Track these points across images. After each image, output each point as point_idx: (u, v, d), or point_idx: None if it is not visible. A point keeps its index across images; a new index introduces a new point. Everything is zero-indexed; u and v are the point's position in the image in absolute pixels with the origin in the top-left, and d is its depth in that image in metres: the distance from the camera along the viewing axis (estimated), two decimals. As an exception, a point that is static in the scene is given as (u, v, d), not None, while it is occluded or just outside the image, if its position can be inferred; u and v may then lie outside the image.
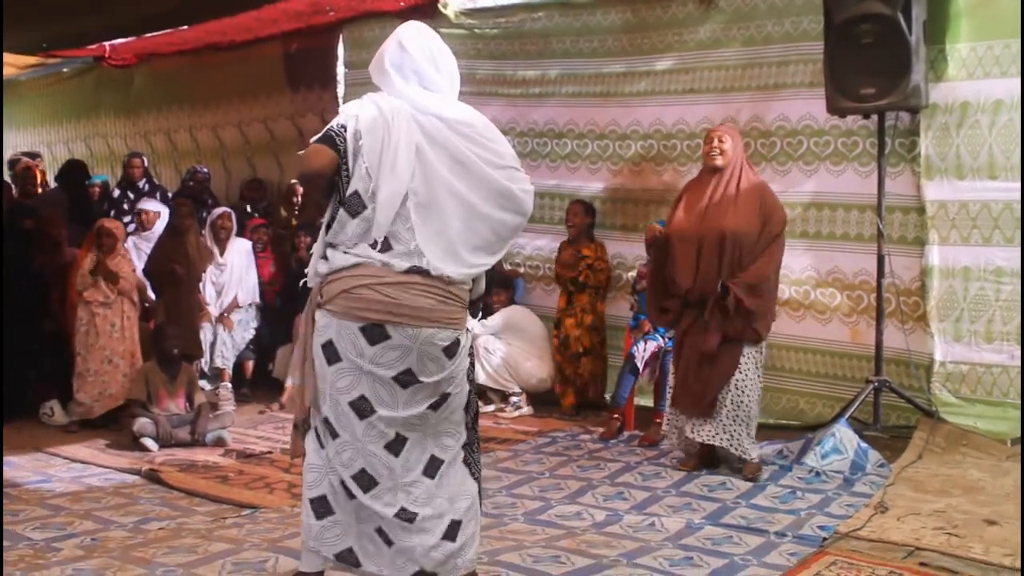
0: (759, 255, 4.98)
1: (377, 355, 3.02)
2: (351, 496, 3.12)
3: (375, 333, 3.01)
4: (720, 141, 5.09)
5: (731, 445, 5.06)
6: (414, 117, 3.06)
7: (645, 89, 7.00)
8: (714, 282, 4.97)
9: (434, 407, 3.12)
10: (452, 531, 3.16)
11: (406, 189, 3.01)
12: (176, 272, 7.00)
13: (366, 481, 3.09)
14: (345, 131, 3.04)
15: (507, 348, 6.91)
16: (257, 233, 8.09)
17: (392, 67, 3.15)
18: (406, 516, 3.10)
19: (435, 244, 3.03)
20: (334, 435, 3.10)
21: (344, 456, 3.09)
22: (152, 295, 7.24)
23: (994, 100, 5.59)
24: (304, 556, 3.25)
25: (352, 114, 3.07)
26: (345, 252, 3.05)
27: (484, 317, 6.94)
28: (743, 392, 5.05)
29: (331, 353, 3.07)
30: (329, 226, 3.10)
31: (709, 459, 5.27)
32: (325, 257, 3.11)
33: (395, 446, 3.09)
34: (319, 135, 3.09)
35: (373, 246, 3.03)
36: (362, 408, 3.06)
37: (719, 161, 5.08)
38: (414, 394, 3.07)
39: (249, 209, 8.81)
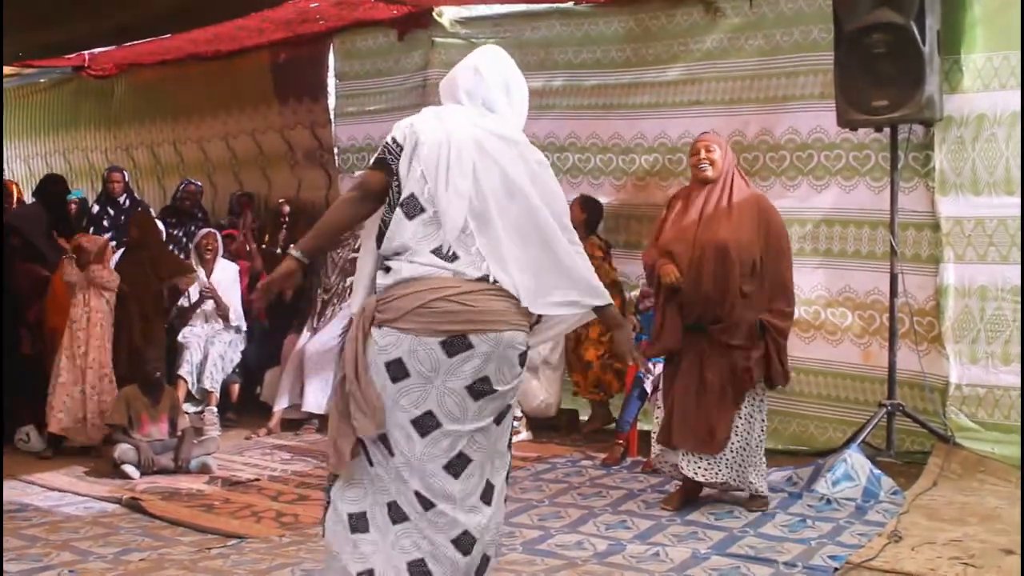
0: (774, 275, 4.91)
1: (455, 366, 3.06)
2: (424, 508, 3.11)
3: (456, 344, 3.05)
4: (708, 151, 5.00)
5: (735, 481, 4.98)
6: (473, 133, 3.18)
7: (650, 101, 7.05)
8: (715, 301, 4.89)
9: (498, 420, 3.19)
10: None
11: (468, 197, 3.12)
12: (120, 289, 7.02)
13: (426, 503, 3.09)
14: (396, 144, 3.18)
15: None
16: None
17: (463, 92, 3.30)
18: (469, 540, 3.12)
19: (491, 254, 3.12)
20: (389, 454, 3.11)
21: (404, 474, 3.09)
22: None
23: (1011, 112, 5.62)
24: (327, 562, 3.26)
25: (406, 123, 3.21)
26: (411, 262, 3.09)
27: None
28: (751, 425, 4.98)
29: (398, 371, 3.07)
30: (380, 237, 3.17)
31: (694, 496, 5.19)
32: (387, 269, 3.14)
33: (457, 467, 3.11)
34: (374, 159, 3.24)
35: (437, 253, 3.09)
36: (426, 425, 3.08)
37: (709, 173, 4.99)
38: (483, 407, 3.12)
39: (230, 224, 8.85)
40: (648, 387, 6.12)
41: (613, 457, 6.12)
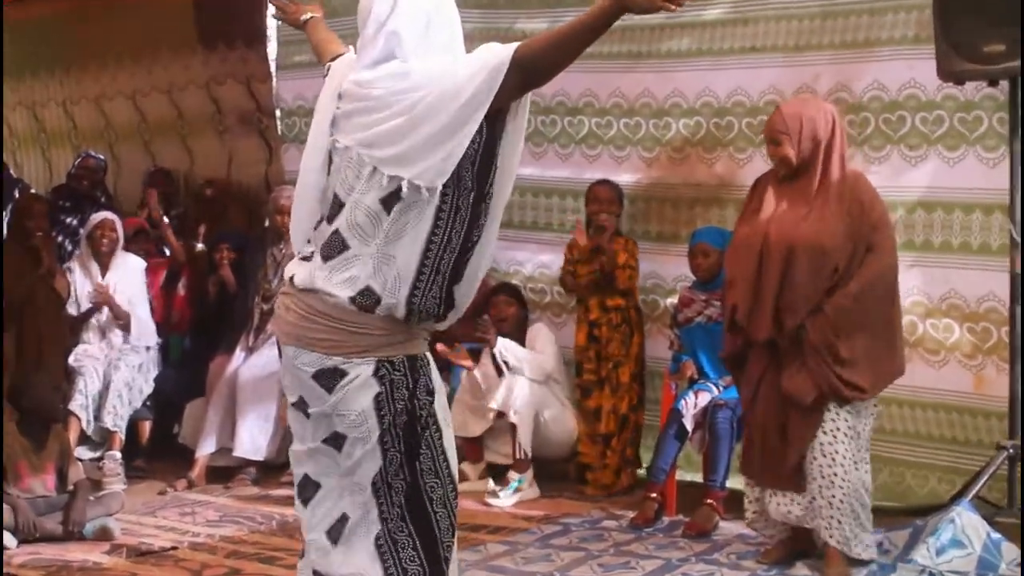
0: (844, 273, 5.01)
1: (284, 376, 3.39)
2: None
3: (280, 352, 3.38)
4: (776, 145, 5.14)
5: (829, 534, 5.02)
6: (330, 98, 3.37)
7: (689, 48, 7.05)
8: (784, 312, 5.01)
9: (335, 446, 3.26)
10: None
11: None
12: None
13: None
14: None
15: (530, 385, 6.84)
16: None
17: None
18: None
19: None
20: None
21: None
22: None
23: None
24: None
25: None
26: None
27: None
28: (836, 461, 5.01)
29: None
30: None
31: (801, 548, 5.29)
32: None
33: (305, 491, 3.35)
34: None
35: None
36: (293, 437, 3.44)
37: (783, 171, 5.17)
38: (315, 425, 3.28)
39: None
40: (688, 424, 6.09)
41: (645, 516, 6.11)
